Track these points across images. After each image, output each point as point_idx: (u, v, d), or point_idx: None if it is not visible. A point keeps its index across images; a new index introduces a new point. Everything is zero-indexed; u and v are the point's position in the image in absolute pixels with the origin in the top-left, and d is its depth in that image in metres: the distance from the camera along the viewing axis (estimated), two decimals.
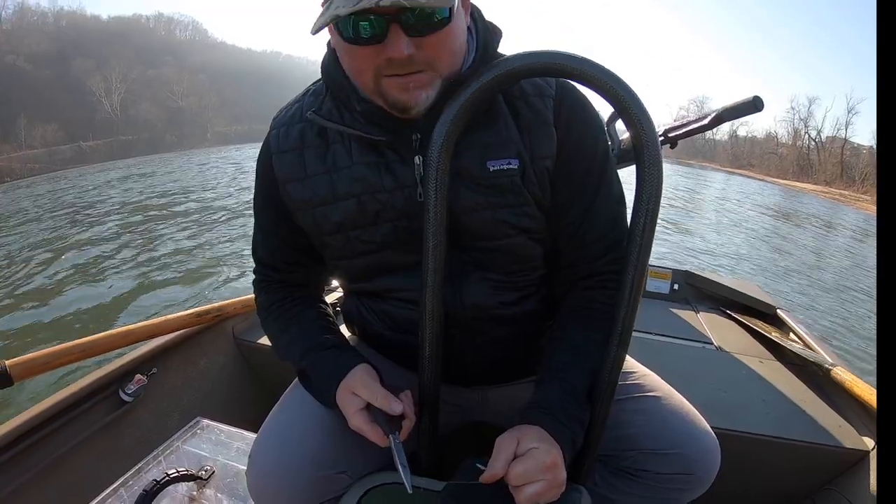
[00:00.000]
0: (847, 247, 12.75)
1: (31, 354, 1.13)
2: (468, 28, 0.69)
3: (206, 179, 15.39)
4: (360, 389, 0.68)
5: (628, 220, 0.65)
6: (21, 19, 63.40)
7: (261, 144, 0.80)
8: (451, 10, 0.59)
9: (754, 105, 1.29)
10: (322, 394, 0.74)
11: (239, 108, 72.61)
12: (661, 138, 1.53)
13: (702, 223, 12.39)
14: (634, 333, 1.94)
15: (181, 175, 17.07)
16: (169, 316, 1.40)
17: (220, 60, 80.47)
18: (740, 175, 53.53)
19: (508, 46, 0.71)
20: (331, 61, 0.71)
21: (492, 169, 0.69)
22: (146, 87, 62.42)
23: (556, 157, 0.70)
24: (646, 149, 0.60)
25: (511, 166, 0.69)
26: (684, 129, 1.48)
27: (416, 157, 0.69)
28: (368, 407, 0.68)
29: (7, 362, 1.08)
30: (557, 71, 0.61)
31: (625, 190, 0.76)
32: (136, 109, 58.67)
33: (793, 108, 67.32)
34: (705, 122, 1.43)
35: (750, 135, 72.95)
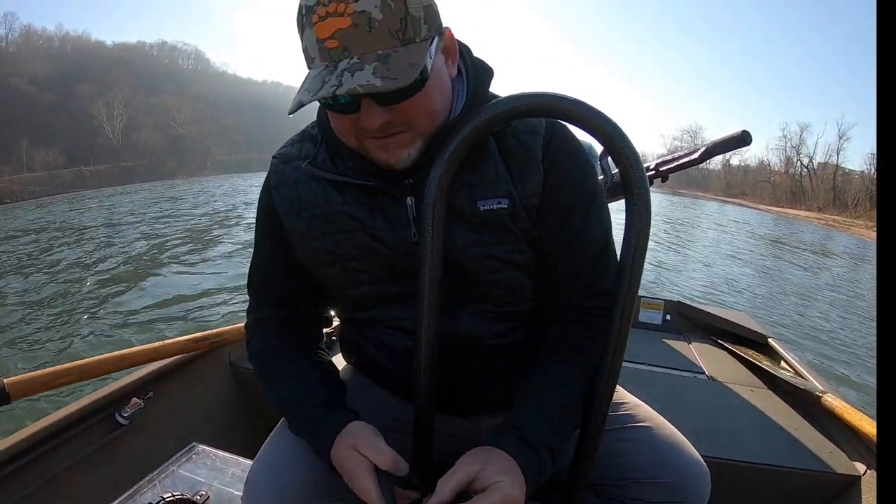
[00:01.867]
0: (841, 273, 12.81)
1: (29, 374, 1.14)
2: (460, 69, 0.71)
3: (206, 207, 15.44)
4: (368, 449, 0.65)
5: (617, 255, 0.67)
6: (26, 42, 63.95)
7: (259, 174, 0.82)
8: (423, 72, 0.59)
9: (743, 139, 1.34)
10: (315, 446, 0.72)
11: (239, 137, 73.33)
12: (653, 172, 1.57)
13: (695, 253, 12.45)
14: (627, 364, 1.96)
15: (182, 201, 17.15)
16: (166, 341, 1.40)
17: (221, 89, 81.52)
18: (734, 204, 54.12)
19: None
20: (325, 112, 0.72)
21: (482, 208, 0.70)
22: (147, 113, 63.08)
23: (541, 193, 0.72)
24: (634, 185, 0.62)
25: (501, 205, 0.70)
26: (675, 164, 1.53)
27: (409, 199, 0.70)
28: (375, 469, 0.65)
29: (5, 380, 1.08)
30: (548, 111, 0.63)
31: (617, 222, 0.77)
32: (137, 135, 59.11)
33: (784, 136, 68.52)
34: (695, 156, 1.48)
35: (743, 163, 74.08)
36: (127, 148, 57.56)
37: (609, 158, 1.36)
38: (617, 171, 0.63)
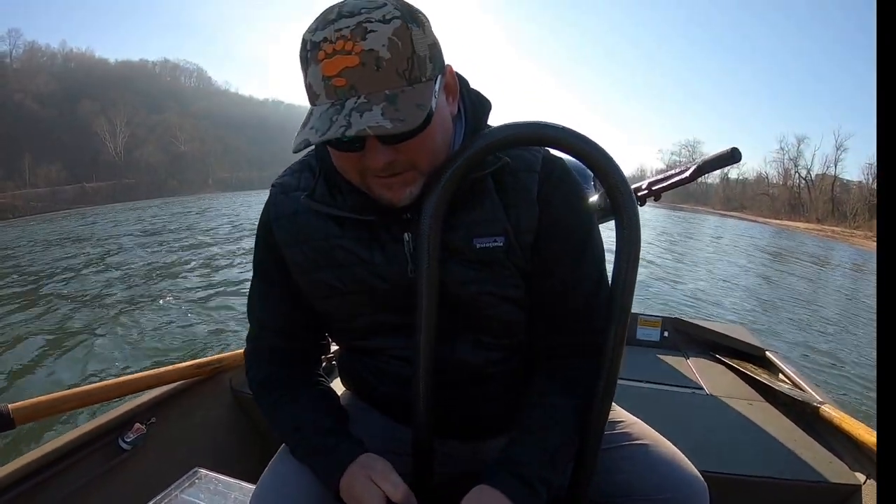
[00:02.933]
0: (840, 283, 12.79)
1: (33, 399, 1.14)
2: (459, 105, 0.72)
3: (207, 228, 15.45)
4: (383, 481, 0.66)
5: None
6: (30, 59, 64.33)
7: (260, 191, 0.83)
8: (429, 114, 0.59)
9: (732, 156, 1.36)
10: (324, 474, 0.73)
11: (240, 155, 73.64)
12: (645, 192, 1.61)
13: (694, 269, 12.43)
14: (625, 382, 1.98)
15: (183, 221, 17.17)
16: (168, 367, 1.41)
17: (222, 108, 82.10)
18: (733, 217, 54.19)
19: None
20: (323, 146, 0.72)
21: (478, 246, 0.71)
22: (150, 131, 63.52)
23: (536, 230, 0.73)
24: (624, 210, 0.64)
25: (497, 244, 0.71)
26: (667, 183, 1.56)
27: (406, 234, 0.71)
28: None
29: (10, 405, 1.09)
30: (537, 140, 0.65)
31: (610, 239, 0.78)
32: (139, 153, 59.45)
33: (782, 149, 68.70)
34: (686, 175, 1.51)
35: (741, 177, 74.30)
36: (129, 165, 57.86)
37: None
38: None
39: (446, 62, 0.67)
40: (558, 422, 0.72)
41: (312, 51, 0.58)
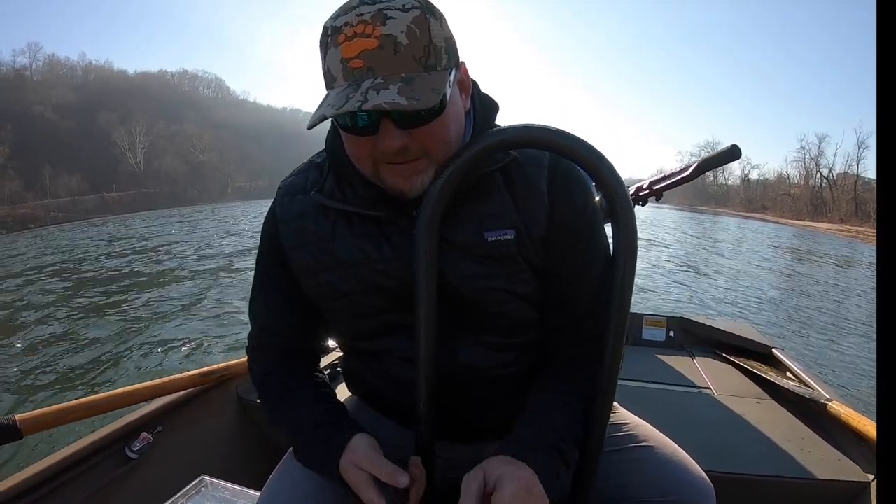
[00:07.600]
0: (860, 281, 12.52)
1: (40, 410, 1.16)
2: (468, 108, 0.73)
3: (213, 237, 15.63)
4: (366, 464, 0.68)
5: None
6: (50, 71, 66.14)
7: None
8: (443, 99, 0.60)
9: (732, 153, 1.36)
10: (323, 467, 0.74)
11: (259, 164, 74.39)
12: (646, 192, 1.60)
13: (712, 274, 12.26)
14: (631, 384, 1.95)
15: (190, 230, 17.37)
16: (174, 376, 1.43)
17: (241, 116, 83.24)
18: (754, 219, 53.41)
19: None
20: (334, 137, 0.72)
21: (490, 240, 0.71)
22: (169, 141, 64.53)
23: (546, 225, 0.73)
24: (619, 211, 0.64)
25: (508, 237, 0.71)
26: (668, 182, 1.57)
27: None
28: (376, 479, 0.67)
29: (17, 417, 1.10)
30: (535, 143, 0.65)
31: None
32: (158, 162, 60.43)
33: (803, 148, 67.52)
34: (687, 173, 1.51)
35: (762, 177, 73.20)
36: (148, 174, 58.86)
37: None
38: None
39: (461, 59, 0.68)
40: (564, 405, 0.72)
41: (333, 35, 0.60)
